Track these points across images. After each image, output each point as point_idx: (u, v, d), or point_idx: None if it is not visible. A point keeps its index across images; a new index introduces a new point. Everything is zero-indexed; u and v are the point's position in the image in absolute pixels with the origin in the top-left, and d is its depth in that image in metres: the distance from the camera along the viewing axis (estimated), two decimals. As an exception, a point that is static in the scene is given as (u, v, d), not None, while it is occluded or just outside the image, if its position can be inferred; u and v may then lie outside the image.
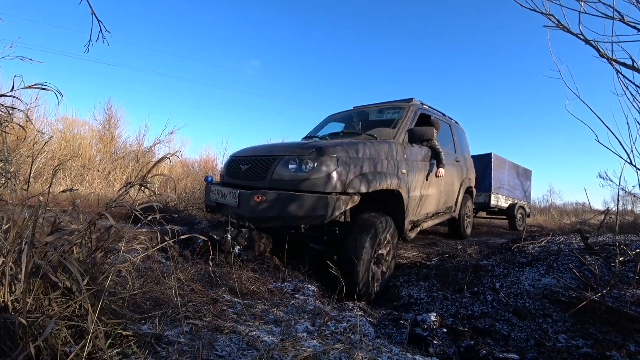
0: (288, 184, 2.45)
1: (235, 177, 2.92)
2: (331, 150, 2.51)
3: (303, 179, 2.41)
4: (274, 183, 2.50)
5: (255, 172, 2.70)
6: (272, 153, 2.71)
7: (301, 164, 2.45)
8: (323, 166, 2.42)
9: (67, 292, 1.10)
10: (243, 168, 2.84)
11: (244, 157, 2.93)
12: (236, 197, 2.59)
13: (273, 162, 2.59)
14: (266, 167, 2.62)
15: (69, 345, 1.06)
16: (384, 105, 4.15)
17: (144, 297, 1.57)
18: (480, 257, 3.25)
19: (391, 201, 3.05)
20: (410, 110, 3.73)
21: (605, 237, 3.07)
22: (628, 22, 1.82)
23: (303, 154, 2.51)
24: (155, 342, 1.20)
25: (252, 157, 2.85)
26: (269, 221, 2.44)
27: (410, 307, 2.23)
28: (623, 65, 1.89)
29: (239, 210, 2.55)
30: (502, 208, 8.29)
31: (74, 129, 8.85)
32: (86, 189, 6.67)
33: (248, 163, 2.82)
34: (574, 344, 1.55)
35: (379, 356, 1.28)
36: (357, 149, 2.70)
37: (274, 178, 2.51)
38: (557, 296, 1.95)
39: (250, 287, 2.01)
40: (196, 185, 7.78)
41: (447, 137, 4.71)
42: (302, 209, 2.32)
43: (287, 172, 2.48)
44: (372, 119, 3.97)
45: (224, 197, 2.78)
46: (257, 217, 2.43)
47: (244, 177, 2.81)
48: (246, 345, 1.28)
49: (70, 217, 1.18)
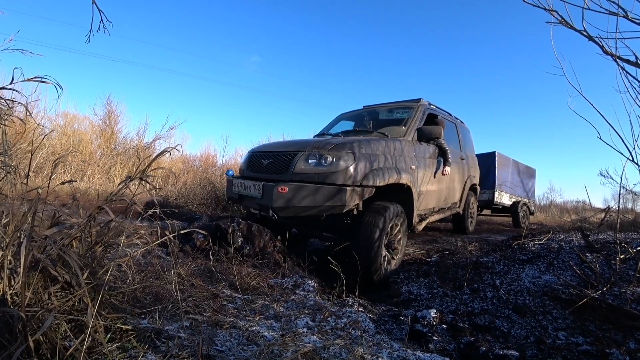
0: (309, 177, 2.68)
1: (257, 171, 3.14)
2: (348, 147, 2.74)
3: (323, 172, 2.64)
4: (295, 176, 2.72)
5: (277, 166, 2.92)
6: (292, 149, 2.94)
7: (321, 158, 2.69)
8: (341, 161, 2.65)
9: (67, 286, 1.10)
10: (264, 162, 3.07)
11: (265, 152, 3.16)
12: (260, 189, 2.81)
13: (294, 157, 2.81)
14: (288, 161, 2.84)
15: (69, 340, 1.06)
16: (393, 105, 4.36)
17: (144, 292, 1.57)
18: (480, 254, 3.25)
19: (401, 195, 3.24)
20: (419, 110, 3.95)
21: (606, 235, 3.06)
22: (632, 18, 1.80)
23: (323, 150, 2.73)
24: (155, 336, 1.20)
25: (273, 152, 3.08)
26: (291, 211, 2.66)
27: (410, 303, 2.23)
28: (627, 62, 1.87)
29: (262, 200, 2.78)
30: (506, 205, 8.39)
31: (74, 124, 8.84)
32: (86, 184, 6.67)
33: (269, 158, 3.05)
34: (574, 341, 1.55)
35: (379, 352, 1.28)
36: (371, 146, 2.93)
37: (295, 172, 2.73)
38: (558, 293, 1.95)
39: (250, 282, 2.01)
40: (196, 181, 7.77)
41: (452, 136, 4.88)
42: (322, 200, 2.56)
43: (307, 166, 2.71)
44: (382, 118, 4.20)
45: (247, 189, 3.00)
46: (280, 207, 2.63)
47: (265, 170, 3.03)
48: (246, 340, 1.28)
49: (70, 211, 1.18)
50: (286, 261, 2.54)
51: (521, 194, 9.10)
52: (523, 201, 8.93)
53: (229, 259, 2.24)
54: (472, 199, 5.76)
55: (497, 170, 8.03)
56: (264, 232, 2.88)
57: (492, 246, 3.68)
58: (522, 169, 9.39)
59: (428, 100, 4.29)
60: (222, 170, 9.92)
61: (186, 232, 2.55)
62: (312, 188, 2.59)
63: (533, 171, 10.07)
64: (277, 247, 2.87)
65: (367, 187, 2.72)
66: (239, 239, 2.55)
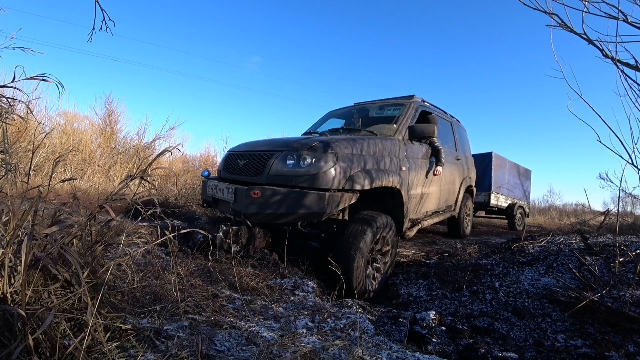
0: (285, 179, 2.40)
1: (233, 172, 2.87)
2: (330, 146, 2.46)
3: (301, 175, 2.35)
4: (271, 179, 2.45)
5: (253, 167, 2.65)
6: (269, 148, 2.66)
7: (299, 159, 2.41)
8: (321, 162, 2.37)
9: (67, 285, 1.10)
10: (240, 163, 2.80)
11: (241, 152, 2.89)
12: (232, 193, 2.54)
13: (271, 157, 2.53)
14: (263, 162, 2.57)
15: (68, 338, 1.06)
16: (384, 101, 4.09)
17: (144, 292, 1.57)
18: (479, 256, 3.25)
19: (390, 199, 2.99)
20: (412, 107, 3.68)
21: (605, 238, 3.06)
22: (632, 22, 1.81)
23: (301, 150, 2.45)
24: (154, 336, 1.20)
25: (249, 152, 2.80)
26: (265, 218, 2.38)
27: (409, 305, 2.23)
28: (627, 66, 1.88)
29: (235, 205, 2.50)
30: (502, 207, 8.29)
31: (74, 124, 8.83)
32: (86, 184, 6.67)
33: (245, 158, 2.77)
34: (573, 343, 1.55)
35: (379, 353, 1.28)
36: (357, 146, 2.65)
37: (271, 174, 2.46)
38: (557, 296, 1.95)
39: (250, 283, 2.01)
40: (196, 181, 7.77)
41: (448, 135, 4.69)
42: (300, 206, 2.27)
43: (284, 167, 2.44)
44: (372, 115, 3.94)
45: (220, 193, 2.74)
46: (253, 213, 2.37)
47: (241, 172, 2.76)
48: (245, 341, 1.28)
49: (70, 210, 1.18)
50: (285, 262, 2.54)
51: (517, 195, 9.01)
52: (519, 203, 8.85)
53: (228, 259, 2.24)
54: (469, 201, 5.59)
55: (494, 171, 7.89)
56: (262, 232, 2.88)
57: (492, 248, 3.68)
58: (518, 171, 9.33)
59: (422, 97, 4.06)
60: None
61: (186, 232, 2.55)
62: (287, 193, 2.30)
63: (529, 173, 10.03)
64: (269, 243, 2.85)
65: (350, 192, 2.44)
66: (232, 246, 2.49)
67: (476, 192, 6.54)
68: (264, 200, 2.33)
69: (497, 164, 8.03)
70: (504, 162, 8.48)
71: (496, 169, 8.00)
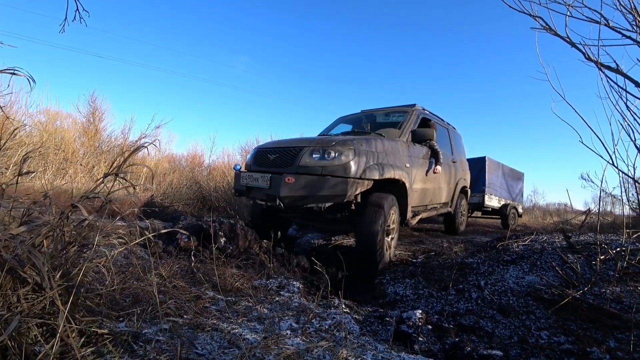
0: (313, 169, 2.93)
1: (263, 165, 3.36)
2: (350, 143, 3.02)
3: (326, 166, 2.91)
4: (300, 169, 2.97)
5: (283, 160, 3.17)
6: (298, 144, 3.20)
7: (324, 153, 2.96)
8: (343, 156, 2.93)
9: (38, 288, 1.04)
10: (271, 157, 3.30)
11: (271, 148, 3.41)
12: (268, 180, 3.06)
13: (299, 152, 3.06)
14: (293, 155, 3.08)
15: (39, 345, 1.01)
16: (390, 109, 4.68)
17: (123, 294, 1.52)
18: (465, 255, 3.28)
19: (396, 190, 3.47)
20: (414, 114, 4.27)
21: (587, 237, 3.12)
22: (613, 26, 1.84)
23: (326, 146, 3.01)
24: (132, 340, 1.16)
25: (279, 147, 3.33)
26: (296, 199, 2.92)
27: (396, 304, 2.23)
28: (608, 69, 1.91)
29: (269, 191, 3.02)
30: (495, 208, 8.76)
31: (56, 122, 8.60)
32: (68, 184, 6.49)
33: (276, 153, 3.28)
34: (556, 340, 1.56)
35: (364, 354, 1.27)
36: (370, 144, 3.22)
37: (300, 165, 2.99)
38: (540, 294, 1.97)
39: (234, 283, 1.97)
40: (182, 181, 7.64)
41: (445, 140, 5.18)
42: (326, 189, 2.83)
43: (312, 160, 2.98)
44: (379, 121, 4.50)
45: (255, 181, 3.23)
46: (286, 196, 2.88)
47: (271, 165, 3.26)
48: (228, 344, 1.25)
49: (41, 209, 1.13)
50: (272, 262, 2.50)
51: (510, 197, 9.49)
52: (512, 204, 9.32)
53: (212, 260, 2.19)
54: (463, 200, 6.06)
55: (487, 174, 8.37)
56: (248, 232, 2.85)
57: (477, 247, 3.72)
58: (511, 173, 9.78)
59: (422, 105, 4.62)
60: (208, 170, 9.82)
61: (170, 233, 2.49)
62: (316, 179, 2.85)
63: (521, 175, 10.47)
64: (263, 247, 2.84)
65: (366, 180, 2.98)
66: (221, 239, 2.50)
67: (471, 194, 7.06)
68: (296, 185, 2.87)
69: (490, 168, 8.53)
70: (497, 165, 8.99)
71: (490, 172, 8.49)
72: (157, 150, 9.04)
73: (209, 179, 8.93)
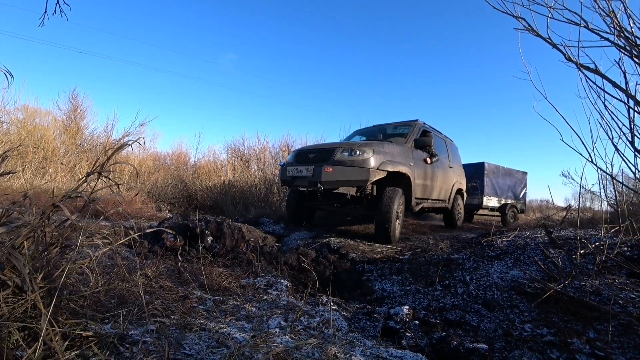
0: (344, 162, 4.19)
1: (304, 162, 4.60)
2: (370, 145, 4.33)
3: (354, 160, 4.17)
4: (335, 162, 4.22)
5: (322, 156, 4.44)
6: (332, 146, 4.49)
7: (352, 151, 4.23)
8: (365, 153, 4.18)
9: (19, 291, 1.01)
10: (310, 155, 4.60)
11: (310, 149, 4.77)
12: (311, 171, 4.29)
13: (334, 151, 4.34)
14: (330, 153, 4.36)
15: (21, 349, 0.98)
16: (397, 123, 5.99)
17: (108, 295, 1.48)
18: (451, 251, 3.33)
19: (403, 183, 4.64)
20: (416, 127, 5.56)
21: (568, 232, 3.22)
22: (592, 29, 1.90)
23: (353, 146, 4.30)
24: (118, 342, 1.14)
25: (318, 149, 4.69)
26: (333, 183, 4.20)
27: (383, 300, 2.25)
28: (587, 69, 1.97)
29: (312, 178, 4.24)
30: (494, 208, 9.59)
31: (35, 119, 8.33)
32: (49, 183, 6.29)
33: (315, 152, 4.60)
34: (539, 332, 1.61)
35: (352, 350, 1.28)
36: (384, 147, 4.49)
37: (335, 159, 4.25)
38: (524, 288, 2.02)
39: (222, 282, 1.95)
40: (168, 180, 7.52)
41: (442, 150, 6.34)
42: (353, 176, 4.10)
43: (343, 156, 4.24)
44: (389, 132, 5.77)
45: (300, 172, 4.46)
46: (326, 181, 4.12)
47: (312, 161, 4.52)
48: (216, 343, 1.24)
49: (21, 210, 1.09)
50: (259, 260, 2.49)
51: (509, 196, 10.24)
52: (511, 203, 10.14)
53: (199, 259, 2.17)
54: (460, 200, 7.10)
55: (486, 178, 9.25)
56: (235, 230, 2.83)
57: (463, 243, 3.79)
58: (510, 174, 10.50)
59: (423, 120, 5.87)
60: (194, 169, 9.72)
61: (155, 232, 2.45)
62: (347, 168, 4.13)
63: (523, 174, 11.11)
64: (250, 246, 2.82)
65: (381, 171, 4.19)
66: (208, 238, 2.48)
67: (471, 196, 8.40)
68: (333, 173, 4.13)
69: (489, 172, 9.43)
70: (496, 168, 9.81)
71: (488, 176, 9.36)
72: (141, 149, 8.87)
73: (194, 177, 8.82)
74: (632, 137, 1.92)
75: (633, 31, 1.78)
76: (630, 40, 1.77)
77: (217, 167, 9.48)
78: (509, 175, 10.44)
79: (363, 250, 3.66)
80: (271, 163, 9.42)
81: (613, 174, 2.21)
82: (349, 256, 3.32)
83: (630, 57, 1.80)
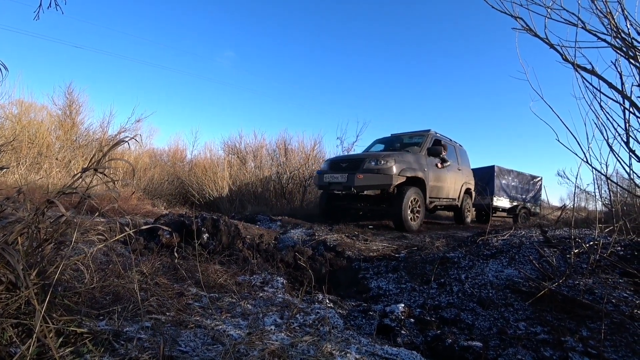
0: (372, 170, 5.38)
1: (338, 170, 5.79)
2: (392, 156, 5.56)
3: (379, 168, 5.37)
4: (365, 170, 5.40)
5: (353, 166, 5.64)
6: (361, 157, 5.79)
7: (378, 162, 5.43)
8: (388, 163, 5.39)
9: (12, 287, 1.01)
10: (343, 165, 5.82)
11: (342, 159, 6.04)
12: (346, 177, 5.48)
13: (363, 160, 5.57)
14: (359, 163, 5.57)
15: (15, 346, 0.98)
16: (412, 133, 7.09)
17: (103, 292, 1.48)
18: (447, 249, 3.35)
19: (419, 185, 5.76)
20: (429, 136, 6.64)
21: (562, 231, 3.24)
22: (589, 29, 1.90)
23: (378, 157, 5.53)
24: (113, 339, 1.13)
25: (349, 159, 5.93)
26: (363, 187, 5.44)
27: (379, 298, 2.25)
28: (584, 70, 1.98)
29: (347, 183, 5.41)
30: (505, 208, 10.10)
31: (30, 114, 8.25)
32: (43, 179, 6.25)
33: (347, 162, 5.83)
34: (533, 330, 1.62)
35: (348, 347, 1.28)
36: (403, 156, 5.72)
37: (364, 168, 5.44)
38: (518, 286, 2.04)
39: (217, 279, 1.95)
40: (164, 176, 7.49)
41: (452, 154, 7.35)
42: (380, 181, 5.34)
43: (370, 165, 5.43)
44: (405, 142, 6.87)
45: (335, 179, 5.62)
46: (358, 185, 5.32)
47: (345, 169, 5.71)
48: (211, 340, 1.24)
49: (15, 205, 1.08)
50: (255, 257, 2.49)
51: (521, 199, 10.66)
52: (522, 205, 10.53)
53: (195, 256, 2.16)
54: (468, 199, 8.00)
55: (496, 180, 9.79)
56: (231, 227, 2.82)
57: (458, 242, 3.80)
58: (523, 178, 10.88)
59: (435, 130, 6.88)
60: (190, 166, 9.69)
61: (151, 229, 2.44)
62: (374, 175, 5.32)
63: (537, 178, 11.46)
64: (246, 243, 2.82)
65: (402, 176, 5.38)
66: (204, 235, 2.47)
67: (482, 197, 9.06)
68: (364, 178, 5.31)
69: (499, 174, 9.97)
70: (507, 171, 10.31)
71: (498, 178, 9.84)
72: (137, 145, 8.82)
73: (191, 174, 8.80)
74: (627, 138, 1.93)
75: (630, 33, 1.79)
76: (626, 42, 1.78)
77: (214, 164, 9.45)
78: (522, 179, 10.85)
79: (359, 249, 3.67)
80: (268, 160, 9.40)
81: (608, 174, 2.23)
82: (345, 254, 3.32)
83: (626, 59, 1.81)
